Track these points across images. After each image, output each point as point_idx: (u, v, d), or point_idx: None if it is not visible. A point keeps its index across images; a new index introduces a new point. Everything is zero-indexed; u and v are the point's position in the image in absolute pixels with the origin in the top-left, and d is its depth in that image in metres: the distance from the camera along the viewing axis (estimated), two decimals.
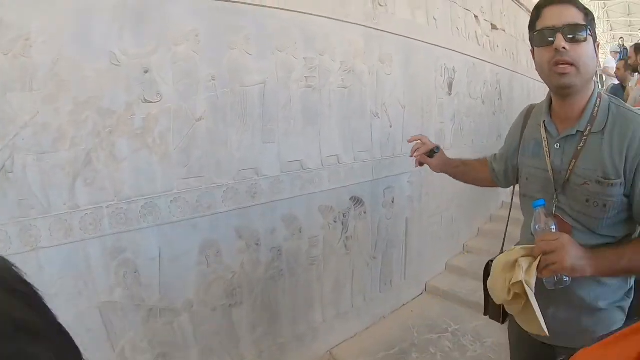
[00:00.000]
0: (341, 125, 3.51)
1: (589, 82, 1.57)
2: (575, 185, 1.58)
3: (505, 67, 6.60)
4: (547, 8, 1.55)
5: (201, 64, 2.62)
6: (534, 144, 1.76)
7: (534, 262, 1.47)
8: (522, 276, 1.47)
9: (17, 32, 2.03)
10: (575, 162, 1.58)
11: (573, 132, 1.59)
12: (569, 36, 1.48)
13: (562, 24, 1.49)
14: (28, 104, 2.08)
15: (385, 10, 3.88)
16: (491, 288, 1.64)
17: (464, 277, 4.94)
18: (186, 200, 2.62)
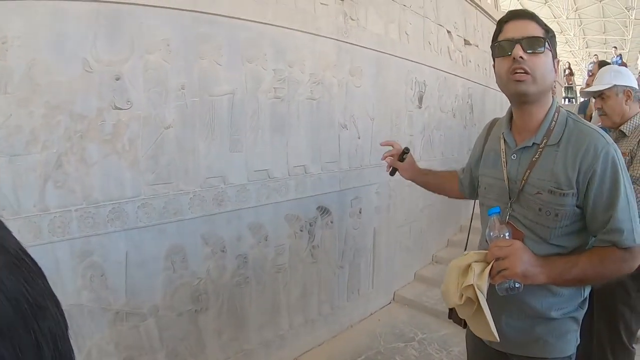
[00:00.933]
0: (309, 136, 3.59)
1: (546, 94, 1.62)
2: (529, 195, 1.62)
3: (478, 81, 6.77)
4: (509, 22, 1.62)
5: (172, 73, 2.69)
6: (493, 154, 1.81)
7: (486, 267, 1.50)
8: (474, 280, 1.48)
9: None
10: (530, 173, 1.62)
11: (529, 143, 1.64)
12: (528, 49, 1.54)
13: (522, 36, 1.55)
14: (2, 106, 2.13)
15: (356, 24, 3.99)
16: (444, 292, 1.63)
17: (432, 287, 5.02)
18: (153, 206, 2.67)
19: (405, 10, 4.74)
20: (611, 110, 2.82)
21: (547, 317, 1.65)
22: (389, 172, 2.47)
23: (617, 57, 15.07)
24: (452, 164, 5.81)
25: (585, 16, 29.09)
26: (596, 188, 1.51)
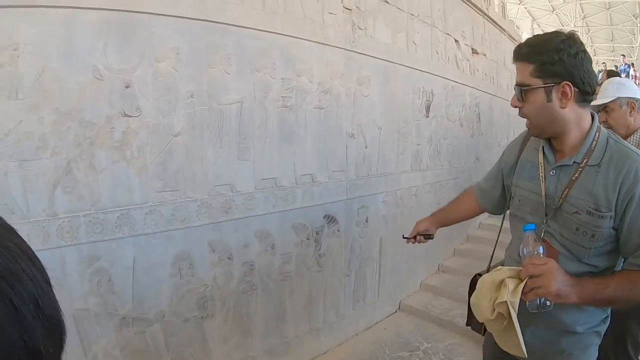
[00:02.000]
0: (316, 144, 3.61)
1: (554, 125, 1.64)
2: (566, 213, 1.62)
3: (485, 90, 6.76)
4: (513, 63, 1.69)
5: (181, 81, 2.72)
6: (530, 166, 1.81)
7: (519, 284, 1.50)
8: (507, 297, 1.49)
9: (5, 42, 2.13)
10: (569, 191, 1.62)
11: (570, 162, 1.64)
12: (520, 98, 1.64)
13: (516, 82, 1.65)
14: (13, 111, 2.17)
15: (364, 34, 4.01)
16: (475, 305, 1.67)
17: (438, 297, 5.02)
18: (161, 213, 2.69)
19: (413, 19, 4.76)
20: (616, 122, 2.82)
21: (572, 331, 1.69)
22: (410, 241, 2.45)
23: (626, 65, 14.91)
24: (459, 173, 5.82)
25: (593, 24, 29.05)
26: (633, 211, 1.51)
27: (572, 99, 1.58)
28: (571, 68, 1.54)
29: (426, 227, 2.33)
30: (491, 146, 7.11)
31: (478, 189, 2.21)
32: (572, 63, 1.54)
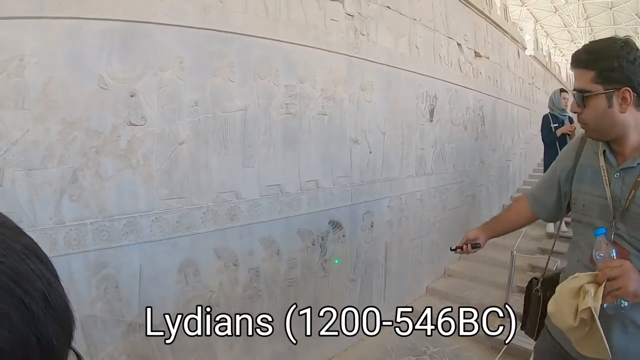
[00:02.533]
0: (320, 151, 3.63)
1: (614, 130, 1.68)
2: (634, 214, 1.65)
3: (489, 93, 6.79)
4: (572, 70, 1.72)
5: (185, 90, 2.75)
6: (591, 171, 1.82)
7: (599, 288, 1.51)
8: (591, 302, 1.49)
9: (11, 53, 2.16)
10: (635, 192, 1.65)
11: (634, 164, 1.67)
12: (579, 103, 1.68)
13: (575, 88, 1.68)
14: (20, 121, 2.21)
15: (367, 39, 4.04)
16: (555, 313, 1.66)
17: (444, 301, 5.01)
18: (167, 220, 2.72)
19: (415, 24, 4.78)
20: None
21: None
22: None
23: None
24: (463, 177, 5.83)
25: (596, 24, 28.93)
26: None
27: (632, 104, 1.62)
28: (630, 74, 1.59)
29: (476, 236, 2.26)
30: (496, 149, 7.12)
31: (531, 198, 2.19)
32: (630, 69, 1.58)
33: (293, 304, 3.19)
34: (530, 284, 2.09)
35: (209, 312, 2.76)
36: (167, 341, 2.42)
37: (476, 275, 5.39)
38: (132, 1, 2.53)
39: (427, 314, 3.49)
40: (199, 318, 2.63)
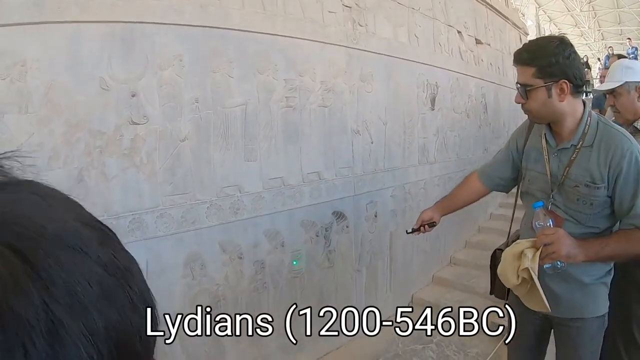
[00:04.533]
0: (322, 142, 3.66)
1: (554, 116, 1.97)
2: (568, 187, 1.97)
3: (491, 80, 6.76)
4: (514, 66, 2.02)
5: (185, 87, 2.79)
6: (535, 152, 2.12)
7: (536, 252, 1.83)
8: (528, 264, 1.83)
9: (13, 59, 2.21)
10: (569, 169, 1.96)
11: (568, 145, 1.97)
12: (523, 95, 1.95)
13: (518, 82, 1.96)
14: (24, 125, 2.27)
15: (365, 30, 4.05)
16: (502, 274, 1.99)
17: (450, 289, 5.02)
18: (171, 216, 2.77)
19: (414, 13, 4.78)
20: (623, 107, 2.79)
21: (582, 282, 2.02)
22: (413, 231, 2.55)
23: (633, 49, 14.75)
24: (467, 165, 5.82)
25: (600, 7, 28.61)
26: (622, 182, 1.86)
27: (569, 93, 1.89)
28: (566, 68, 1.87)
29: (430, 216, 2.45)
30: (499, 136, 7.09)
31: (483, 174, 2.45)
32: (566, 64, 1.86)
33: (293, 304, 3.21)
34: (494, 255, 2.36)
35: (209, 312, 2.80)
36: (167, 341, 2.45)
37: (481, 263, 5.35)
38: (130, 3, 2.57)
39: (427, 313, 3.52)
40: (199, 318, 2.68)
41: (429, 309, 3.27)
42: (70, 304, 0.32)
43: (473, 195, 2.50)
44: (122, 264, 0.41)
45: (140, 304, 0.41)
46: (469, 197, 2.51)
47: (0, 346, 0.29)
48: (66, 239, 0.36)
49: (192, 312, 2.88)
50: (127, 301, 0.39)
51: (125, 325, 0.37)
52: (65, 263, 0.34)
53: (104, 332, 0.34)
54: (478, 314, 2.19)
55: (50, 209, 0.40)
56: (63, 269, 0.33)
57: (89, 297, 0.34)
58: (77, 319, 0.32)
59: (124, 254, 0.42)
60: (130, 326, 0.38)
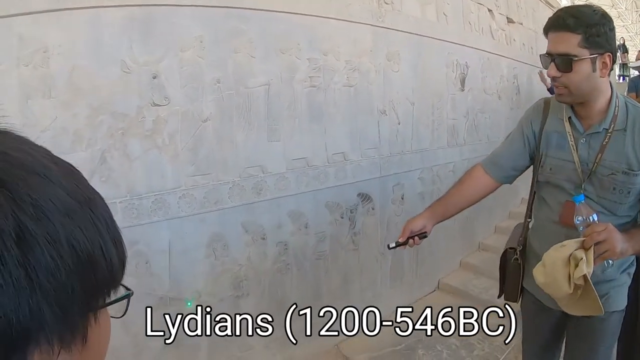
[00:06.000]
0: (347, 123, 3.62)
1: (595, 92, 1.75)
2: (602, 176, 1.78)
3: (523, 61, 6.54)
4: (549, 33, 1.74)
5: (206, 68, 2.79)
6: (557, 136, 1.89)
7: (589, 253, 1.59)
8: (585, 269, 1.58)
9: (35, 46, 2.26)
10: (602, 156, 1.77)
11: (599, 129, 1.78)
12: (560, 67, 1.69)
13: (555, 52, 1.69)
14: (48, 109, 2.31)
15: (391, 8, 3.96)
16: (549, 283, 1.72)
17: (478, 275, 4.94)
18: (194, 196, 2.79)
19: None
20: None
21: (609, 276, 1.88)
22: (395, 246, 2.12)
23: None
24: None
25: None
26: None
27: (609, 69, 1.71)
28: (611, 41, 1.69)
29: (422, 225, 2.06)
30: None
31: (492, 166, 2.11)
32: (611, 36, 1.69)
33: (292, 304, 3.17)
34: (506, 254, 2.15)
35: (209, 312, 2.81)
36: (167, 341, 2.49)
37: None
38: None
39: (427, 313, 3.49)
40: (199, 318, 2.70)
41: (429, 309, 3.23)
42: (35, 215, 0.40)
43: (480, 192, 2.14)
44: (85, 193, 0.48)
45: (104, 229, 0.48)
46: (474, 196, 2.15)
47: None
48: (34, 167, 0.44)
49: (215, 291, 2.91)
50: (89, 223, 0.46)
51: (89, 244, 0.45)
52: (31, 184, 0.42)
53: (66, 243, 0.42)
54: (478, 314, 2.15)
55: (21, 147, 0.46)
56: (30, 188, 0.41)
57: (52, 212, 0.42)
58: (41, 227, 0.40)
59: (88, 187, 0.50)
60: (93, 246, 0.45)
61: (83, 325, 0.46)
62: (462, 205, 2.17)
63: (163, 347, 2.71)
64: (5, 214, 0.39)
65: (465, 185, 2.16)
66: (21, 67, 2.23)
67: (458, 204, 2.17)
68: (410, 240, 2.07)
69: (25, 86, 2.25)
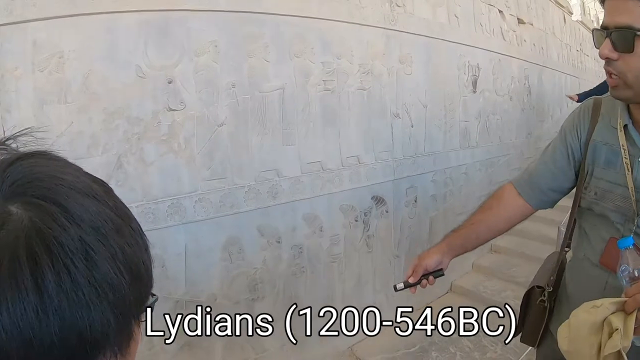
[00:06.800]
0: (361, 126, 3.62)
1: None
2: None
3: (534, 62, 6.53)
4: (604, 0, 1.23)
5: (221, 73, 2.80)
6: (607, 150, 1.40)
7: (628, 321, 1.14)
8: (620, 344, 1.12)
9: (50, 51, 2.27)
10: None
11: None
12: (617, 47, 1.19)
13: (613, 25, 1.18)
14: (64, 114, 2.33)
15: (403, 11, 3.97)
16: (571, 353, 1.26)
17: (490, 277, 4.93)
18: (210, 200, 2.79)
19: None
20: None
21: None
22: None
23: None
24: (510, 149, 5.69)
25: None
26: None
27: None
28: None
29: (438, 261, 1.65)
30: (544, 120, 6.91)
31: (527, 187, 1.66)
32: None
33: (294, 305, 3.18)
34: (532, 293, 1.66)
35: (209, 312, 2.82)
36: (167, 341, 2.50)
37: (522, 251, 5.25)
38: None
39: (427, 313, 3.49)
40: (199, 318, 2.71)
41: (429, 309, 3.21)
42: (95, 235, 0.45)
43: (510, 220, 1.69)
44: (123, 209, 0.53)
45: (141, 241, 0.54)
46: (503, 225, 1.70)
47: (51, 270, 0.40)
48: (83, 188, 0.48)
49: (230, 294, 2.92)
50: (130, 236, 0.51)
51: (132, 253, 0.50)
52: (86, 205, 0.46)
53: (122, 258, 0.47)
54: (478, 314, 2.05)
55: (63, 168, 0.51)
56: (86, 210, 0.46)
57: (108, 231, 0.47)
58: (102, 246, 0.45)
59: (122, 202, 0.55)
60: (135, 255, 0.50)
61: (133, 331, 0.52)
62: (487, 236, 1.73)
63: (179, 350, 2.73)
64: (72, 236, 0.43)
65: (494, 212, 1.70)
66: (36, 73, 2.25)
67: (482, 235, 1.72)
68: (424, 281, 1.65)
69: (41, 91, 2.27)
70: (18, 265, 0.40)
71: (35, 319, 0.40)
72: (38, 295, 0.40)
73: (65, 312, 0.41)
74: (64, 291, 0.41)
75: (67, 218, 0.43)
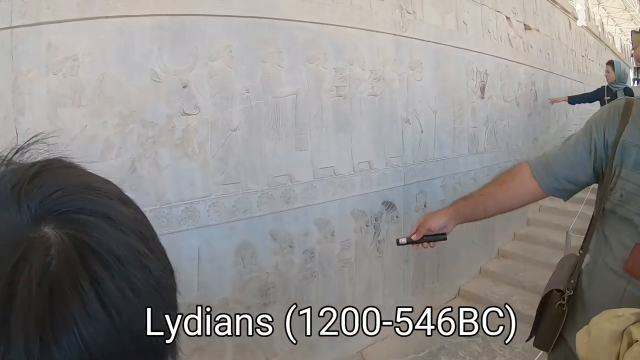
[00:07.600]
0: (372, 132, 3.64)
1: None
2: None
3: (540, 67, 6.56)
4: None
5: (236, 78, 2.81)
6: (637, 152, 1.35)
7: None
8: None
9: (65, 54, 2.27)
10: None
11: None
12: None
13: None
14: (78, 118, 2.32)
15: (413, 17, 3.99)
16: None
17: (498, 282, 4.94)
18: (223, 205, 2.80)
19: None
20: None
21: None
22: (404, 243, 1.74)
23: None
24: (516, 155, 5.68)
25: None
26: None
27: None
28: None
29: (443, 224, 1.66)
30: (550, 125, 6.92)
31: (542, 170, 1.60)
32: None
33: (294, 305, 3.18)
34: (550, 296, 1.60)
35: (209, 312, 2.82)
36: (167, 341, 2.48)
37: (530, 257, 5.26)
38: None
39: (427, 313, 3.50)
40: (199, 318, 2.71)
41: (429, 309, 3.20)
42: (141, 240, 0.45)
43: (521, 199, 1.67)
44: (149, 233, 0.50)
45: (163, 261, 0.51)
46: (512, 202, 1.69)
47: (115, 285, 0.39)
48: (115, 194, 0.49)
49: (242, 298, 2.92)
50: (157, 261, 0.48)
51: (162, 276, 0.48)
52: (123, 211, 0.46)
53: (162, 257, 0.49)
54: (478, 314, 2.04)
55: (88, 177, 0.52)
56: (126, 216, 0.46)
57: (147, 233, 0.48)
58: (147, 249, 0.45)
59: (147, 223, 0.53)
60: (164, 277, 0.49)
61: None
62: (495, 210, 1.71)
63: (190, 353, 2.72)
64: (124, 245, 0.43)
65: (505, 187, 1.68)
66: (50, 75, 2.25)
67: (490, 208, 1.70)
68: (425, 242, 1.68)
69: (55, 94, 2.26)
70: (81, 289, 0.38)
71: (106, 337, 0.39)
72: (105, 313, 0.39)
73: (135, 324, 0.41)
74: (129, 303, 0.41)
75: (114, 227, 0.42)
